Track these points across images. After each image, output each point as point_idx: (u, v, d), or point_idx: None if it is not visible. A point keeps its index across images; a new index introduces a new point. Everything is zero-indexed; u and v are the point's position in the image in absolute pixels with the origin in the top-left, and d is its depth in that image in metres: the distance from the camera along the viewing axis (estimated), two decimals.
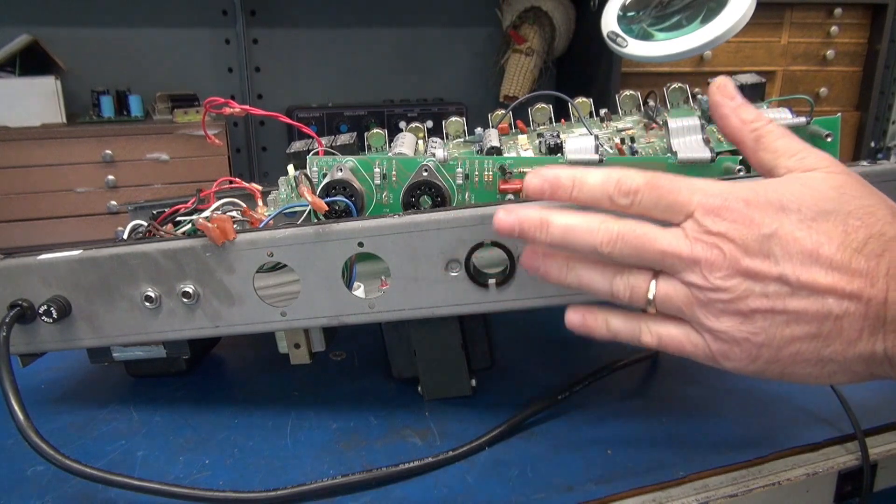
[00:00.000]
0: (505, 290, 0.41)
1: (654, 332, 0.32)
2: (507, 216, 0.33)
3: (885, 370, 0.29)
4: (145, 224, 0.51)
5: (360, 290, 0.44)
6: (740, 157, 0.46)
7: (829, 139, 0.45)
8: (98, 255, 0.43)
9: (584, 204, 0.32)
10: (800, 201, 0.29)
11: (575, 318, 0.35)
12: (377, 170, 0.47)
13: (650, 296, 0.31)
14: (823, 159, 0.31)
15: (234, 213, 0.48)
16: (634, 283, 0.32)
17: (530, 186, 0.33)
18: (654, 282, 0.31)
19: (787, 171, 0.32)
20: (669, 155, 0.47)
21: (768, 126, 0.33)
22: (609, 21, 0.57)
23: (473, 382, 0.49)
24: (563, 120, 0.59)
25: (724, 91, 0.35)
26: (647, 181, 0.31)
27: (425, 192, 0.46)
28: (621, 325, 0.34)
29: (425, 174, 0.46)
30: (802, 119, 0.46)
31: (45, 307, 0.43)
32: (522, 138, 0.56)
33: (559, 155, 0.48)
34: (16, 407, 0.37)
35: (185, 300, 0.43)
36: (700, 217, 0.30)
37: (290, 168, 0.52)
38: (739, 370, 0.31)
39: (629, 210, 0.31)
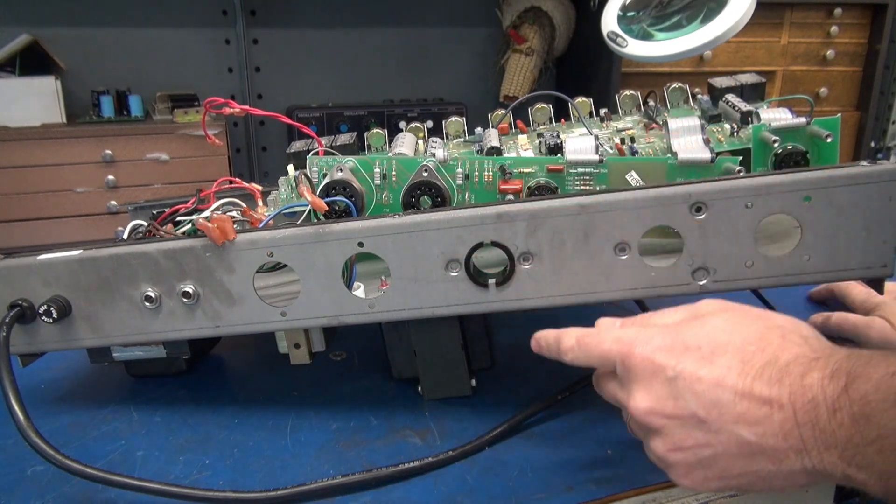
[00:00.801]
0: (505, 290, 0.41)
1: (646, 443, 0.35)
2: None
3: (827, 479, 0.29)
4: (145, 224, 0.51)
5: (360, 290, 0.44)
6: (740, 158, 0.46)
7: (828, 139, 0.45)
8: (98, 255, 0.43)
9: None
10: (698, 340, 0.32)
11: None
12: (377, 170, 0.47)
13: (614, 399, 0.36)
14: (706, 304, 0.35)
15: (234, 213, 0.48)
16: (611, 389, 0.36)
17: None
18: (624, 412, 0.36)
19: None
20: (669, 155, 0.47)
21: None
22: (609, 21, 0.57)
23: (473, 382, 0.49)
24: (563, 120, 0.59)
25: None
26: (577, 339, 0.36)
27: (425, 193, 0.46)
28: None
29: (425, 174, 0.46)
30: (802, 119, 0.46)
31: (45, 307, 0.43)
32: (522, 138, 0.56)
33: (559, 155, 0.48)
34: (16, 407, 0.37)
35: (185, 300, 0.43)
36: (620, 370, 0.34)
37: (290, 168, 0.52)
38: (695, 487, 0.33)
39: (577, 365, 0.36)
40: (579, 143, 0.47)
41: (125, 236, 0.52)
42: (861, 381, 0.27)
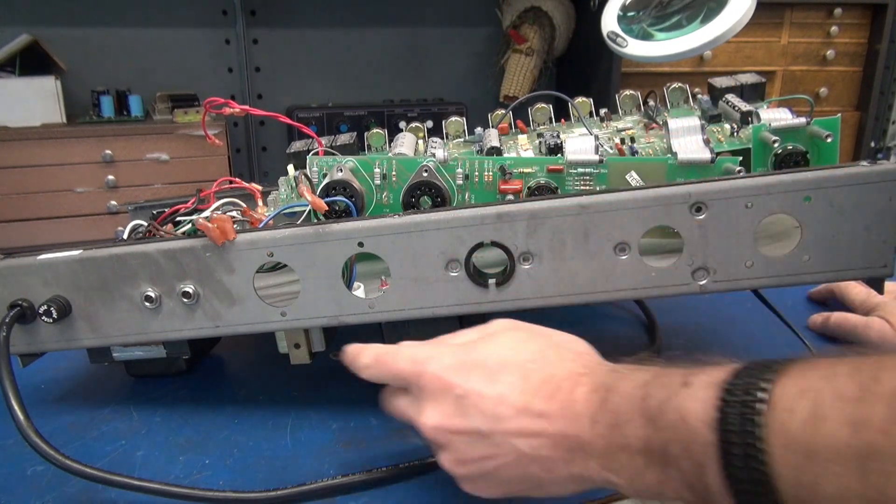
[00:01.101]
0: (505, 290, 0.41)
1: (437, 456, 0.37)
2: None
3: (591, 484, 0.31)
4: (145, 224, 0.51)
5: (360, 290, 0.44)
6: (740, 158, 0.46)
7: (829, 140, 0.45)
8: (98, 255, 0.43)
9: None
10: (485, 358, 0.34)
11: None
12: (377, 170, 0.47)
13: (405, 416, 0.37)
14: (496, 323, 0.37)
15: (234, 213, 0.48)
16: (402, 408, 0.37)
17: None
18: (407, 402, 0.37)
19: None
20: (669, 156, 0.47)
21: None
22: (609, 21, 0.57)
23: None
24: (563, 120, 0.59)
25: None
26: (375, 357, 0.37)
27: (425, 193, 0.46)
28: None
29: (425, 174, 0.46)
30: (802, 119, 0.46)
31: (45, 307, 0.43)
32: (522, 138, 0.56)
33: (559, 156, 0.48)
34: (16, 407, 0.37)
35: (185, 300, 0.43)
36: (412, 388, 0.35)
37: (290, 168, 0.52)
38: (479, 494, 0.35)
39: (374, 381, 0.38)
40: (579, 144, 0.47)
41: (125, 236, 0.52)
42: (614, 394, 0.30)
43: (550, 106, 0.59)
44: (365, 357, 0.38)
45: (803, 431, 0.23)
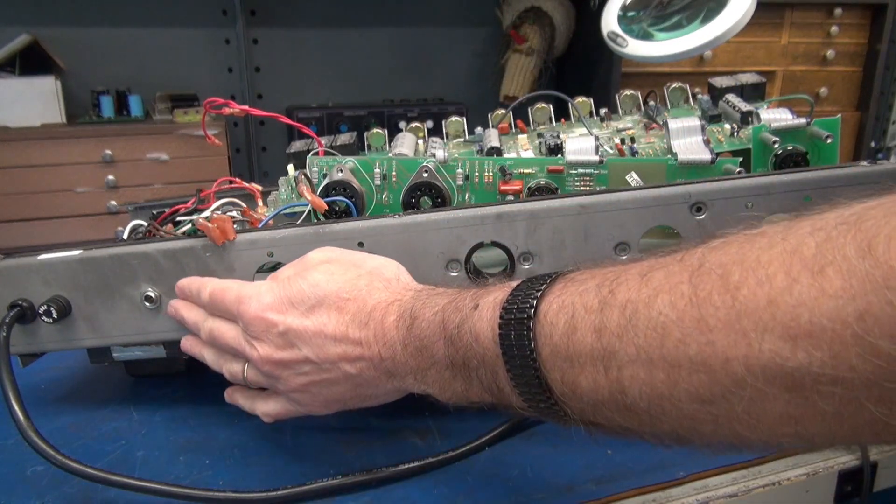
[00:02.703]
0: None
1: (262, 409, 0.41)
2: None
3: (416, 391, 0.36)
4: (145, 224, 0.51)
5: None
6: (740, 159, 0.46)
7: (829, 141, 0.45)
8: (98, 255, 0.43)
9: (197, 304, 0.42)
10: (301, 293, 0.36)
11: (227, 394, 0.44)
12: (377, 170, 0.47)
13: (244, 377, 0.40)
14: (314, 254, 0.39)
15: (234, 213, 0.48)
16: (233, 369, 0.40)
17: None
18: (245, 367, 0.40)
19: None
20: (669, 156, 0.47)
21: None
22: (609, 21, 0.57)
23: None
24: (563, 120, 0.59)
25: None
26: (211, 291, 0.40)
27: (425, 193, 0.46)
28: (243, 400, 0.43)
29: (425, 175, 0.46)
30: (802, 120, 0.46)
31: (45, 307, 0.43)
32: (522, 138, 0.56)
33: (559, 156, 0.48)
34: (16, 407, 0.37)
35: None
36: (242, 325, 0.38)
37: (290, 168, 0.52)
38: (322, 412, 0.40)
39: (214, 314, 0.41)
40: (579, 144, 0.47)
41: (125, 236, 0.52)
42: (419, 320, 0.33)
43: (550, 106, 0.59)
44: (204, 293, 0.40)
45: (562, 340, 0.27)
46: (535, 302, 0.29)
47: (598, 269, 0.29)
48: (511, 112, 0.58)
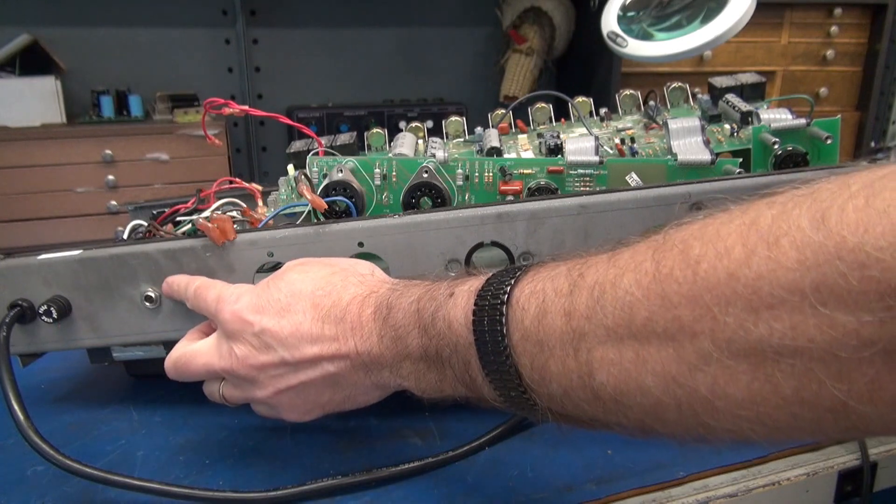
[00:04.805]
0: None
1: (257, 410, 0.39)
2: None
3: (389, 390, 0.36)
4: (145, 224, 0.51)
5: None
6: (740, 160, 0.46)
7: (828, 141, 0.45)
8: (98, 255, 0.43)
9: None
10: (277, 294, 0.36)
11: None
12: (377, 170, 0.47)
13: (221, 398, 0.39)
14: (289, 263, 0.39)
15: (234, 213, 0.48)
16: (210, 390, 0.40)
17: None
18: (220, 386, 0.39)
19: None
20: (669, 157, 0.47)
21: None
22: (609, 21, 0.57)
23: None
24: (563, 119, 0.59)
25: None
26: (195, 288, 0.40)
27: (425, 194, 0.46)
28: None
29: (425, 175, 0.46)
30: (802, 121, 0.46)
31: (45, 307, 0.43)
32: (522, 138, 0.56)
33: (559, 156, 0.48)
34: (16, 407, 0.37)
35: None
36: (219, 324, 0.38)
37: (290, 168, 0.52)
38: (302, 420, 0.38)
39: (193, 309, 0.41)
40: (579, 144, 0.47)
41: (125, 236, 0.52)
42: (395, 310, 0.33)
43: (550, 106, 0.59)
44: (189, 290, 0.40)
45: (532, 325, 0.27)
46: (508, 288, 0.28)
47: (572, 255, 0.29)
48: (511, 112, 0.58)
